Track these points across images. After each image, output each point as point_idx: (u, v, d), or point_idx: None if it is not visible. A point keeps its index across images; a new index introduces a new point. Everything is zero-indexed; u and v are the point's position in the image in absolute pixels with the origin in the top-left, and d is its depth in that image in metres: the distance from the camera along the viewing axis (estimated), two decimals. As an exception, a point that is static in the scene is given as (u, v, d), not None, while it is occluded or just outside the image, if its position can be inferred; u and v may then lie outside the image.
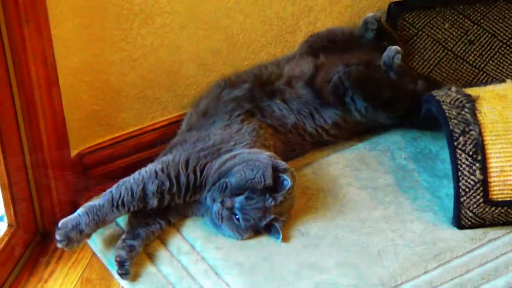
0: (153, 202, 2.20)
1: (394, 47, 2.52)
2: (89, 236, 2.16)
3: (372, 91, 2.45)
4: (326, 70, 2.50)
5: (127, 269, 2.12)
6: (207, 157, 2.25)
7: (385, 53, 2.52)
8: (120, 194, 2.17)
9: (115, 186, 2.20)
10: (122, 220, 2.26)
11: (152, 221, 2.23)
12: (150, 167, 2.24)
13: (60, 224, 2.13)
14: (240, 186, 2.16)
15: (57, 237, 2.13)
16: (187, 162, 2.23)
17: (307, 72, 2.50)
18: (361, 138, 2.56)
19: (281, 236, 2.19)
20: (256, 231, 2.20)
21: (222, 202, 2.17)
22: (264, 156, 2.22)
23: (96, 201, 2.18)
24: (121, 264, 2.12)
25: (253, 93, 2.44)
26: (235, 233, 2.19)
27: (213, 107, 2.42)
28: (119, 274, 2.13)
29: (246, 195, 2.15)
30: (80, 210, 2.15)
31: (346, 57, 2.55)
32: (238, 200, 2.16)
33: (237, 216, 2.17)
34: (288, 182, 2.17)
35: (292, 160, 2.42)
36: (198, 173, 2.21)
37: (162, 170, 2.21)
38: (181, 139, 2.36)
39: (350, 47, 2.63)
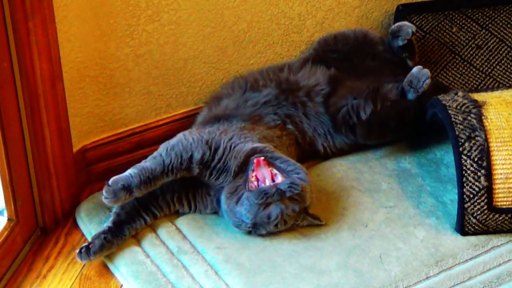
0: (195, 171, 2.20)
1: (425, 70, 2.44)
2: (135, 197, 2.18)
3: (379, 131, 2.44)
4: (336, 98, 2.47)
5: (89, 258, 2.14)
6: (246, 138, 2.27)
7: (414, 72, 2.45)
8: (171, 159, 2.18)
9: (163, 150, 2.21)
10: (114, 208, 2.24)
11: (138, 216, 2.23)
12: (197, 135, 2.25)
13: (110, 181, 2.15)
14: (296, 185, 2.15)
15: (105, 193, 2.15)
16: (230, 139, 2.25)
17: (322, 87, 2.48)
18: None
19: None
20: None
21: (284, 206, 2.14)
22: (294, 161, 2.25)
23: (147, 164, 2.18)
24: (88, 250, 2.14)
25: (279, 101, 2.43)
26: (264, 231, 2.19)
27: (239, 107, 2.41)
28: (79, 253, 2.14)
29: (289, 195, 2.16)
30: (132, 171, 2.17)
31: (356, 79, 2.53)
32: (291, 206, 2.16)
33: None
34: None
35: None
36: (232, 149, 2.22)
37: (207, 141, 2.22)
38: (227, 117, 2.38)
39: (363, 57, 2.62)
